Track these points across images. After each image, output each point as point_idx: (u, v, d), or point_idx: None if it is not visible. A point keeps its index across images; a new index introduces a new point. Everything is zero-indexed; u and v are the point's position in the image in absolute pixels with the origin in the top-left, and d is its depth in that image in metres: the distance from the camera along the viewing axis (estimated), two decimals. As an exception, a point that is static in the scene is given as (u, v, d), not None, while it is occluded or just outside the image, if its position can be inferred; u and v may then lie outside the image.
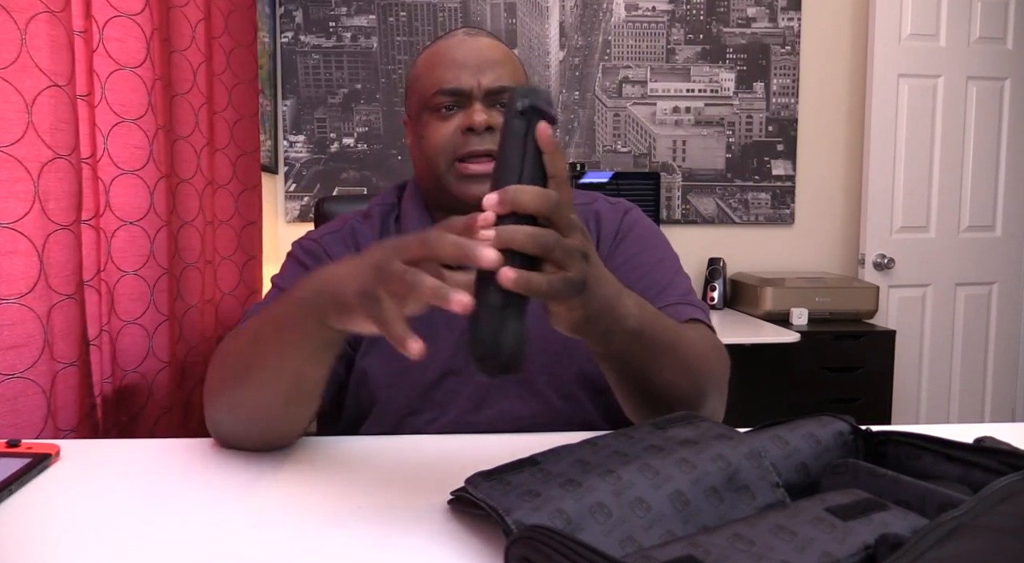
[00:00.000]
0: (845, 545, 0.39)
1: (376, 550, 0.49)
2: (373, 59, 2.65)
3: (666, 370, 0.69)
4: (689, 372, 0.71)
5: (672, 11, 2.72)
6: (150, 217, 1.11)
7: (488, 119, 0.83)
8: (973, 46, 2.67)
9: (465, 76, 0.84)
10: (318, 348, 0.62)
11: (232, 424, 0.69)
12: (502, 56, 0.87)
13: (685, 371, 0.71)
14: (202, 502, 0.58)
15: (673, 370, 0.69)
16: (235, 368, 0.68)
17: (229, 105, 1.45)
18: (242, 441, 0.71)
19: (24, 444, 0.67)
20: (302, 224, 2.65)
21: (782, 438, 0.54)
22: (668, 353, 0.68)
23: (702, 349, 0.75)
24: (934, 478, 0.50)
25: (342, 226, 0.93)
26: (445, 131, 0.85)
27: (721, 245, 2.80)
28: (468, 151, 0.83)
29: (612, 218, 0.94)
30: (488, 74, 0.84)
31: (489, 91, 0.84)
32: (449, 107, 0.85)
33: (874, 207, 2.64)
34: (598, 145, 2.74)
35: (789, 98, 2.78)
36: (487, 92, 0.84)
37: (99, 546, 0.50)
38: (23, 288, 0.82)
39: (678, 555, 0.38)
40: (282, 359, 0.64)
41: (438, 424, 0.85)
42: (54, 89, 0.85)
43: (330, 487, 0.61)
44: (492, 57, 0.86)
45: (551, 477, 0.49)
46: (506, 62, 0.87)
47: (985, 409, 2.82)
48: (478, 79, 0.84)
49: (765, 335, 2.13)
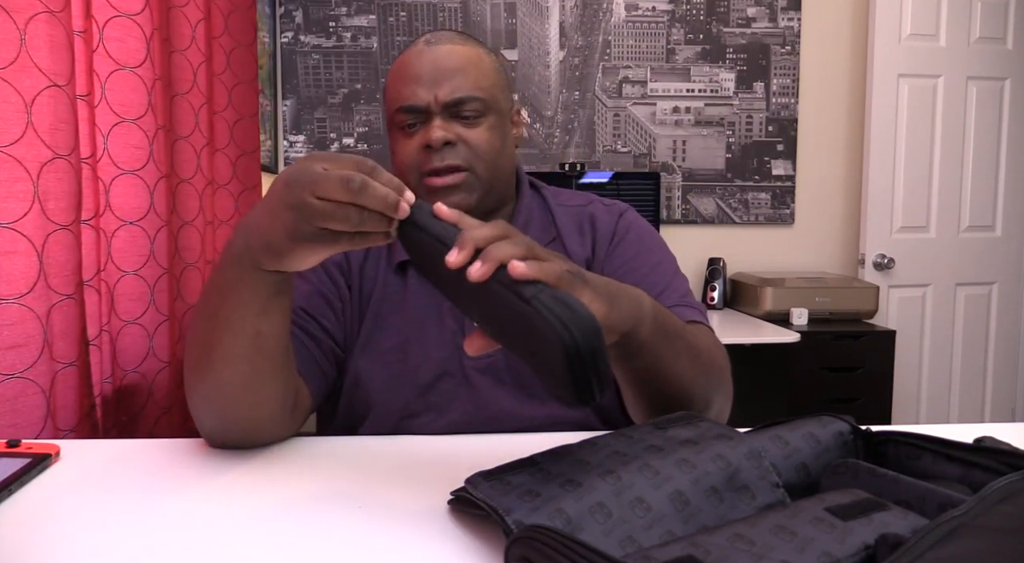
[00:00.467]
0: (845, 545, 0.39)
1: (376, 550, 0.49)
2: (373, 59, 2.65)
3: (677, 360, 0.68)
4: (697, 363, 0.71)
5: (672, 11, 2.72)
6: (150, 217, 1.11)
7: (445, 135, 0.83)
8: (973, 46, 2.67)
9: (422, 92, 0.84)
10: (265, 299, 0.63)
11: (209, 418, 0.69)
12: (461, 63, 0.86)
13: (693, 361, 0.70)
14: (202, 502, 0.58)
15: (682, 359, 0.69)
16: (197, 356, 0.67)
17: (229, 105, 1.45)
18: (224, 434, 0.70)
19: (24, 444, 0.67)
20: (302, 224, 2.65)
21: (782, 438, 0.54)
22: (677, 342, 0.68)
23: (707, 345, 0.75)
24: (934, 478, 0.50)
25: None
26: (410, 149, 0.86)
27: (721, 245, 2.80)
28: (430, 168, 0.84)
29: (607, 221, 0.94)
30: (445, 86, 0.84)
31: (446, 105, 0.84)
32: (411, 125, 0.86)
33: (874, 207, 2.64)
34: (598, 145, 2.74)
35: (789, 98, 2.78)
36: (445, 105, 0.84)
37: (99, 546, 0.50)
38: (23, 288, 0.82)
39: (678, 555, 0.38)
40: (234, 323, 0.63)
41: (436, 426, 0.85)
42: (54, 89, 0.85)
43: (330, 487, 0.61)
44: (450, 66, 0.85)
45: (551, 477, 0.49)
46: (466, 69, 0.86)
47: (985, 409, 2.82)
48: (434, 93, 0.84)
49: (765, 335, 2.13)
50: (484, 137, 0.86)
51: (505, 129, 0.90)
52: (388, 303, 0.89)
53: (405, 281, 0.90)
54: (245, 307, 0.63)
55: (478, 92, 0.85)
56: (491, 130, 0.86)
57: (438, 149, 0.84)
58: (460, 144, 0.85)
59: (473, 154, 0.85)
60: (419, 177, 0.86)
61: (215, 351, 0.65)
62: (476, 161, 0.85)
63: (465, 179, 0.85)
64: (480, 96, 0.85)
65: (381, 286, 0.90)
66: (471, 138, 0.85)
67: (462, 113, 0.85)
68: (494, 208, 0.91)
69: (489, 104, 0.86)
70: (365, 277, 0.90)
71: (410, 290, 0.89)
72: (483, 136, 0.86)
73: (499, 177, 0.89)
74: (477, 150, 0.85)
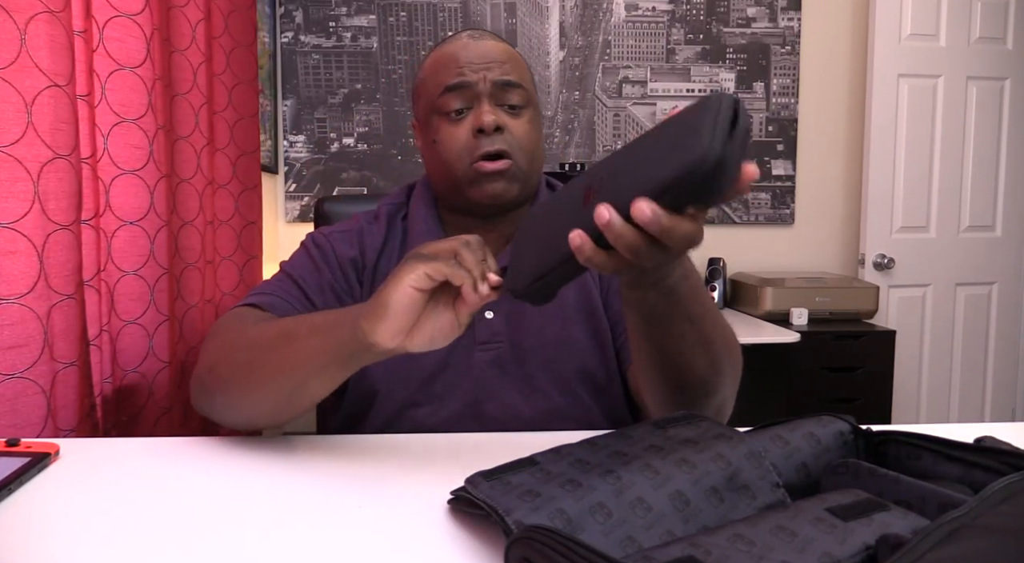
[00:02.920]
0: (846, 546, 0.39)
1: (376, 550, 0.49)
2: (373, 59, 2.65)
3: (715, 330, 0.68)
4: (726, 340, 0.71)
5: (672, 11, 2.72)
6: (150, 217, 1.11)
7: (497, 119, 0.83)
8: (973, 46, 2.67)
9: (471, 73, 0.85)
10: (334, 360, 0.64)
11: (228, 418, 0.74)
12: (507, 55, 0.87)
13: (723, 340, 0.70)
14: (202, 501, 0.58)
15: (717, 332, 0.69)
16: (240, 364, 0.70)
17: (229, 105, 1.45)
18: (239, 428, 0.74)
19: (23, 443, 0.67)
20: (302, 224, 2.65)
21: (782, 438, 0.54)
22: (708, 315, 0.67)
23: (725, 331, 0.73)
24: (934, 478, 0.50)
25: (352, 226, 0.95)
26: (459, 136, 0.85)
27: (721, 245, 2.80)
28: (481, 153, 0.84)
29: None
30: (494, 70, 0.85)
31: (496, 84, 0.85)
32: (459, 111, 0.85)
33: (874, 207, 2.64)
34: (598, 145, 2.74)
35: (789, 98, 2.77)
36: (494, 86, 0.85)
37: (98, 545, 0.50)
38: (23, 288, 0.82)
39: (678, 555, 0.38)
40: (296, 361, 0.65)
41: (439, 417, 0.85)
42: (54, 89, 0.85)
43: (330, 486, 0.61)
44: (497, 56, 0.86)
45: (551, 477, 0.49)
46: (511, 60, 0.87)
47: (985, 409, 2.82)
48: (483, 74, 0.84)
49: (765, 335, 2.13)
50: (526, 129, 0.87)
51: (541, 126, 0.91)
52: None
53: None
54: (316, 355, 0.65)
55: (524, 82, 0.87)
56: (531, 123, 0.88)
57: (489, 133, 0.83)
58: (507, 132, 0.85)
59: (518, 144, 0.86)
60: (469, 163, 0.85)
61: (256, 372, 0.68)
62: (519, 152, 0.86)
63: (511, 167, 0.85)
64: (526, 86, 0.87)
65: None
66: (516, 128, 0.86)
67: (509, 101, 0.85)
68: (522, 202, 0.91)
69: (531, 97, 0.88)
70: (379, 273, 0.91)
71: None
72: (526, 128, 0.87)
73: (535, 171, 0.90)
74: (521, 141, 0.86)
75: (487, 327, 0.88)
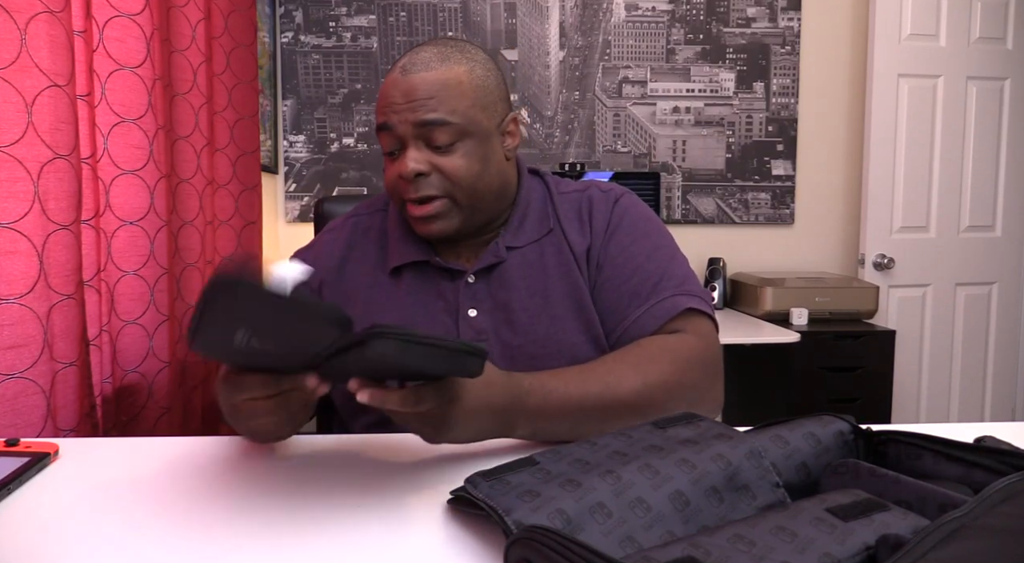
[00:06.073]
0: (846, 546, 0.39)
1: (376, 550, 0.49)
2: (373, 59, 2.65)
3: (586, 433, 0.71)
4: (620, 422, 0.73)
5: (672, 11, 2.72)
6: (150, 217, 1.11)
7: (416, 167, 0.83)
8: (973, 46, 2.67)
9: (392, 114, 0.84)
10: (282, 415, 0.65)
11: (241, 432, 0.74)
12: (436, 89, 0.83)
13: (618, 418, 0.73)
14: (201, 501, 0.58)
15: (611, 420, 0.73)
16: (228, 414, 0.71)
17: (229, 105, 1.45)
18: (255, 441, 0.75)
19: (23, 443, 0.67)
20: (302, 224, 2.65)
21: (782, 438, 0.54)
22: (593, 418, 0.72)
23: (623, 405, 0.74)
24: (935, 478, 0.50)
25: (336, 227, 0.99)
26: (391, 175, 0.87)
27: (721, 245, 2.80)
28: (406, 198, 0.86)
29: (604, 208, 0.94)
30: (418, 110, 0.82)
31: (418, 125, 0.82)
32: (392, 152, 0.86)
33: (874, 207, 2.64)
34: (598, 145, 2.74)
35: (789, 98, 2.77)
36: (415, 127, 0.83)
37: (98, 545, 0.50)
38: (23, 288, 0.82)
39: (678, 556, 0.37)
40: None
41: None
42: (54, 89, 0.85)
43: (330, 486, 0.61)
44: (422, 93, 0.82)
45: (551, 477, 0.49)
46: (438, 94, 0.83)
47: (985, 409, 2.82)
48: (405, 116, 0.83)
49: (765, 335, 2.13)
50: (459, 164, 0.84)
51: (487, 150, 0.87)
52: (375, 304, 0.90)
53: (398, 283, 0.90)
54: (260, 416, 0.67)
55: (451, 117, 0.83)
56: (467, 156, 0.84)
57: (411, 180, 0.84)
58: (435, 173, 0.84)
59: (450, 183, 0.84)
60: (402, 204, 0.87)
61: None
62: (454, 189, 0.85)
63: (443, 207, 0.85)
64: (453, 121, 0.83)
65: (367, 289, 0.91)
66: (446, 166, 0.84)
67: (435, 141, 0.83)
68: (486, 223, 0.91)
69: (464, 128, 0.84)
70: (345, 280, 0.94)
71: (403, 291, 0.90)
72: (458, 163, 0.84)
73: (483, 198, 0.87)
74: (453, 178, 0.84)
75: (470, 325, 0.88)
